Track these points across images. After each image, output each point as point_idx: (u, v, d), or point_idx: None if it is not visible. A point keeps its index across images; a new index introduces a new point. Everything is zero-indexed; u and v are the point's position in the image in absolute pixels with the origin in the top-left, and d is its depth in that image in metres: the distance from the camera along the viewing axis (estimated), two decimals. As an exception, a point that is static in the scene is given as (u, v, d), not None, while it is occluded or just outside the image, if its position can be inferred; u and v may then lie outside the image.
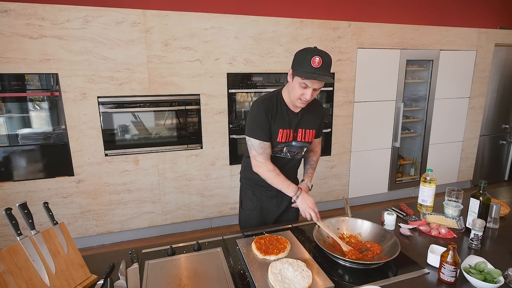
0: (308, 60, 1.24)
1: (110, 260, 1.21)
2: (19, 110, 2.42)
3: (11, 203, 2.46)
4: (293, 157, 1.51)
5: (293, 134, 1.45)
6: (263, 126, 1.39)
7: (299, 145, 1.48)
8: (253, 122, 1.40)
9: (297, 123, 1.45)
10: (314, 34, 3.00)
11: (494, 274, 1.05)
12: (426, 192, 1.64)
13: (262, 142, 1.39)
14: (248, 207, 1.58)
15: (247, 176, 1.58)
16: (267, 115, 1.38)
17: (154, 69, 2.62)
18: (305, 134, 1.48)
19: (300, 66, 1.27)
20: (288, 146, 1.47)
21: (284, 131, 1.42)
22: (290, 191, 1.41)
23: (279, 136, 1.42)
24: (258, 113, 1.39)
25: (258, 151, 1.41)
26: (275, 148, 1.46)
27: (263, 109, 1.38)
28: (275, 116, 1.40)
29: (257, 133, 1.39)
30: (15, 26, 2.25)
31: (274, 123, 1.40)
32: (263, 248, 1.22)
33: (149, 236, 2.97)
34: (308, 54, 1.25)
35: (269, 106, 1.39)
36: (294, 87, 1.32)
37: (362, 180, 3.57)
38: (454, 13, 4.10)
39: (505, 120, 4.14)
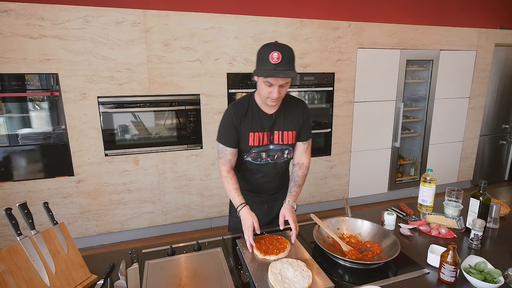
0: (266, 57, 1.19)
1: (110, 260, 1.21)
2: (19, 110, 2.42)
3: (11, 203, 2.46)
4: (274, 161, 1.43)
5: (269, 137, 1.38)
6: (227, 131, 1.36)
7: (278, 148, 1.41)
8: (220, 127, 1.39)
9: (272, 125, 1.38)
10: (314, 34, 3.00)
11: (494, 274, 1.05)
12: (426, 192, 1.64)
13: (224, 147, 1.37)
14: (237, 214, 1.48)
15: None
16: (233, 120, 1.34)
17: (154, 69, 2.62)
18: (282, 137, 1.40)
19: (261, 64, 1.22)
20: (266, 151, 1.40)
21: (256, 134, 1.36)
22: (234, 203, 1.36)
23: (250, 140, 1.36)
24: (225, 118, 1.37)
25: (220, 155, 1.39)
26: (251, 154, 1.39)
27: (230, 114, 1.35)
28: (244, 120, 1.35)
29: (221, 138, 1.38)
30: (15, 26, 2.25)
31: (243, 127, 1.35)
32: (263, 248, 1.21)
33: (149, 236, 2.97)
34: (267, 51, 1.19)
35: (238, 110, 1.35)
36: (260, 86, 1.27)
37: (362, 180, 3.57)
38: (454, 13, 4.10)
39: (505, 120, 4.14)
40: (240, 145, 1.39)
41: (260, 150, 1.39)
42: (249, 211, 1.32)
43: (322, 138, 3.33)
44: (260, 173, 1.45)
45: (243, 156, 1.42)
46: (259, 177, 1.46)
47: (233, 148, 1.37)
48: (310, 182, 3.34)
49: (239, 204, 1.34)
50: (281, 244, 1.24)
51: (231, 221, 1.60)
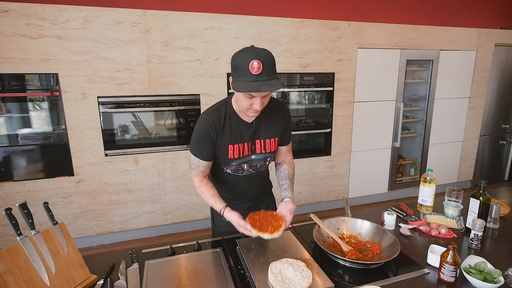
0: (246, 67, 1.05)
1: (110, 260, 1.21)
2: (19, 110, 2.42)
3: (11, 203, 2.46)
4: (256, 170, 1.36)
5: (250, 147, 1.28)
6: (202, 143, 1.23)
7: (260, 157, 1.32)
8: (194, 137, 1.26)
9: (252, 134, 1.27)
10: (314, 34, 3.00)
11: (494, 274, 1.05)
12: (426, 192, 1.64)
13: (197, 159, 1.26)
14: (223, 224, 1.44)
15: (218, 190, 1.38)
16: (209, 133, 1.21)
17: (154, 69, 2.62)
18: (265, 145, 1.30)
19: (239, 76, 1.08)
20: (247, 161, 1.30)
21: (236, 146, 1.25)
22: (216, 208, 1.27)
23: (230, 153, 1.25)
24: (200, 129, 1.23)
25: (192, 166, 1.29)
26: (231, 167, 1.30)
27: (206, 125, 1.21)
28: (222, 132, 1.22)
29: (194, 148, 1.26)
30: (15, 26, 2.25)
31: (221, 139, 1.23)
32: (257, 224, 1.15)
33: (149, 236, 2.97)
34: (245, 60, 1.06)
35: (215, 121, 1.21)
36: (239, 98, 1.13)
37: (362, 180, 3.57)
38: (454, 13, 4.10)
39: (505, 120, 4.14)
40: (218, 158, 1.29)
41: (241, 162, 1.29)
42: (231, 212, 1.21)
43: (322, 138, 3.33)
44: (242, 184, 1.37)
45: (222, 168, 1.33)
46: (241, 187, 1.39)
47: (207, 161, 1.27)
48: (310, 182, 3.35)
49: (220, 209, 1.24)
50: (276, 221, 1.17)
51: (214, 231, 1.52)
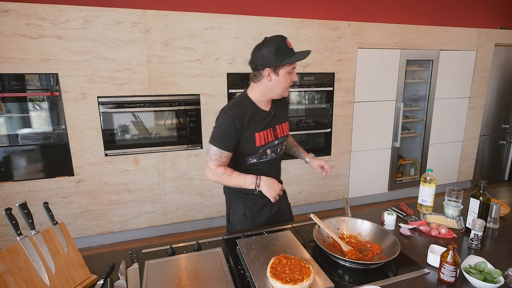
0: (285, 46, 1.25)
1: (110, 260, 1.21)
2: (19, 110, 2.42)
3: (11, 203, 2.46)
4: (277, 155, 1.48)
5: (273, 132, 1.41)
6: (227, 135, 1.30)
7: (280, 141, 1.46)
8: (217, 129, 1.33)
9: (272, 121, 1.40)
10: (314, 34, 3.00)
11: (494, 274, 1.05)
12: (426, 192, 1.64)
13: (219, 149, 1.31)
14: (239, 221, 1.48)
15: (234, 188, 1.46)
16: (235, 124, 1.29)
17: (154, 69, 2.62)
18: (282, 129, 1.46)
19: (284, 55, 1.24)
20: (271, 147, 1.42)
21: (262, 133, 1.36)
22: (249, 183, 1.32)
23: (257, 140, 1.35)
24: (225, 121, 1.31)
25: (212, 157, 1.33)
26: (257, 154, 1.39)
27: (231, 117, 1.30)
28: (248, 122, 1.32)
29: (218, 140, 1.32)
30: (15, 26, 2.25)
31: (247, 129, 1.32)
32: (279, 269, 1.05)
33: (149, 236, 2.97)
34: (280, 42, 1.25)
35: (239, 113, 1.31)
36: (280, 80, 1.29)
37: (362, 180, 3.57)
38: (454, 13, 4.10)
39: (505, 120, 4.14)
40: (243, 148, 1.36)
41: (265, 147, 1.40)
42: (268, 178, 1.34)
43: (322, 138, 3.33)
44: (265, 171, 1.42)
45: (246, 160, 1.40)
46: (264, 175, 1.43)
47: (230, 152, 1.33)
48: (310, 182, 3.35)
49: (255, 179, 1.32)
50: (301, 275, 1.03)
51: (230, 229, 1.53)
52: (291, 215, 1.65)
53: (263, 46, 1.25)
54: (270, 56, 1.24)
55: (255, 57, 1.28)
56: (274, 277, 1.02)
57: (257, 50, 1.27)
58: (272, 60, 1.24)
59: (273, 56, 1.23)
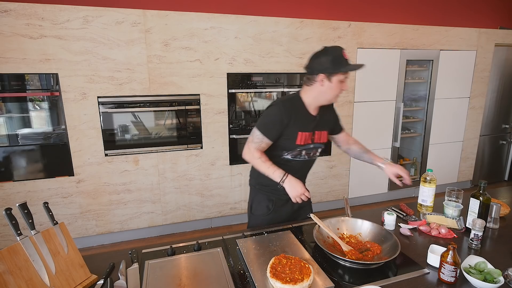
0: (341, 56, 1.33)
1: (110, 260, 1.21)
2: (19, 110, 2.42)
3: (11, 203, 2.46)
4: (309, 158, 1.54)
5: (311, 136, 1.48)
6: (273, 124, 1.40)
7: (315, 146, 1.52)
8: (266, 117, 1.44)
9: (315, 126, 1.48)
10: (314, 34, 3.00)
11: (494, 274, 1.05)
12: (426, 192, 1.64)
13: (262, 135, 1.41)
14: (262, 213, 1.57)
15: (261, 182, 1.55)
16: (283, 117, 1.39)
17: (154, 69, 2.62)
18: (321, 136, 1.52)
19: (340, 65, 1.33)
20: (306, 149, 1.49)
21: (303, 134, 1.44)
22: (276, 176, 1.40)
23: (298, 138, 1.44)
24: (275, 112, 1.41)
25: (255, 140, 1.43)
26: (293, 152, 1.47)
27: (281, 110, 1.40)
28: (295, 119, 1.41)
29: (263, 127, 1.42)
30: (15, 26, 2.25)
31: (293, 125, 1.41)
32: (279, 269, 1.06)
33: (149, 236, 2.97)
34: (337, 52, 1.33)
35: (290, 107, 1.41)
36: (332, 87, 1.36)
37: (362, 180, 3.57)
38: (454, 13, 4.10)
39: (505, 120, 4.14)
40: (284, 143, 1.45)
41: (302, 148, 1.48)
42: (294, 178, 1.39)
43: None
44: (293, 170, 1.47)
45: (282, 153, 1.48)
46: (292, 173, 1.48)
47: (271, 140, 1.43)
48: (310, 182, 3.34)
49: (283, 175, 1.39)
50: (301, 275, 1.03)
51: (251, 219, 1.62)
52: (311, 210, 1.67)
53: (321, 54, 1.35)
54: (327, 63, 1.33)
55: (313, 62, 1.37)
56: (274, 277, 1.02)
57: (315, 56, 1.37)
58: (328, 67, 1.33)
59: (330, 63, 1.33)
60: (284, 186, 1.39)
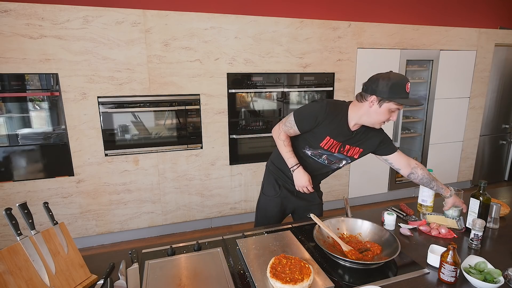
0: (403, 86, 1.27)
1: (110, 260, 1.21)
2: (19, 110, 2.42)
3: (11, 203, 2.46)
4: (329, 165, 1.53)
5: (340, 148, 1.47)
6: (307, 118, 1.43)
7: (340, 157, 1.50)
8: (306, 108, 1.46)
9: (347, 140, 1.45)
10: (314, 34, 3.00)
11: (494, 274, 1.05)
12: (426, 192, 1.64)
13: (294, 122, 1.45)
14: (271, 194, 1.64)
15: (276, 164, 1.64)
16: (319, 115, 1.40)
17: (154, 69, 2.62)
18: (352, 151, 1.49)
19: (397, 93, 1.27)
20: (329, 155, 1.49)
21: (331, 140, 1.44)
22: (290, 162, 1.48)
23: (324, 141, 1.44)
24: (315, 108, 1.42)
25: (286, 124, 1.49)
26: (315, 150, 1.49)
27: (322, 109, 1.40)
28: (331, 123, 1.41)
29: (299, 116, 1.45)
30: (15, 26, 2.25)
31: (325, 127, 1.41)
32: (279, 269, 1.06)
33: (149, 236, 2.97)
34: (402, 81, 1.27)
35: (331, 110, 1.40)
36: (381, 112, 1.33)
37: (362, 180, 3.57)
38: (454, 13, 4.10)
39: (505, 120, 4.13)
40: (310, 138, 1.47)
41: (325, 152, 1.49)
42: (304, 171, 1.47)
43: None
44: (310, 167, 1.53)
45: (304, 147, 1.51)
46: (308, 170, 1.52)
47: (299, 131, 1.47)
48: (310, 182, 3.34)
49: (294, 164, 1.47)
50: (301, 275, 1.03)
51: (262, 198, 1.69)
52: (321, 212, 1.72)
53: (384, 76, 1.30)
54: (384, 88, 1.29)
55: (372, 81, 1.32)
56: (274, 277, 1.02)
57: (377, 76, 1.32)
58: (384, 91, 1.29)
59: (387, 88, 1.28)
60: (293, 173, 1.47)
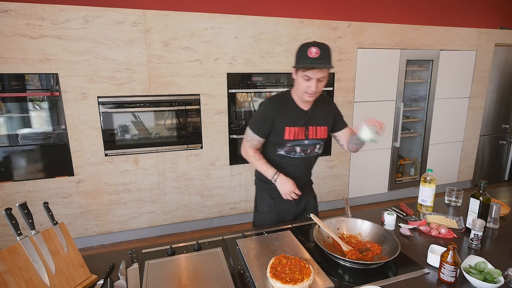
0: (305, 52, 1.29)
1: (110, 260, 1.21)
2: (19, 110, 2.42)
3: (11, 203, 2.46)
4: (307, 155, 1.52)
5: (304, 132, 1.47)
6: (261, 122, 1.45)
7: (311, 143, 1.50)
8: (254, 116, 1.50)
9: (307, 121, 1.46)
10: (314, 34, 3.00)
11: (494, 274, 1.05)
12: (426, 192, 1.64)
13: (252, 133, 1.47)
14: (265, 210, 1.59)
15: (262, 179, 1.57)
16: (269, 113, 1.42)
17: (154, 69, 2.62)
18: (316, 131, 1.49)
19: (300, 60, 1.31)
20: (300, 145, 1.48)
21: (292, 128, 1.44)
22: (268, 174, 1.46)
23: (286, 133, 1.44)
24: (261, 109, 1.46)
25: (247, 138, 1.50)
26: (285, 147, 1.47)
27: (267, 107, 1.43)
28: (281, 113, 1.42)
29: (252, 125, 1.48)
30: (15, 26, 2.25)
31: (279, 120, 1.42)
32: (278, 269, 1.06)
33: (149, 236, 2.97)
34: (305, 47, 1.30)
35: (275, 103, 1.43)
36: (298, 82, 1.36)
37: (362, 180, 3.57)
38: (454, 13, 4.10)
39: (505, 120, 4.13)
40: (274, 138, 1.47)
41: (294, 144, 1.47)
42: (286, 177, 1.44)
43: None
44: (291, 167, 1.51)
45: (275, 150, 1.50)
46: (290, 171, 1.51)
47: (261, 137, 1.47)
48: (310, 182, 3.34)
49: (274, 174, 1.45)
50: (301, 274, 1.04)
51: (256, 217, 1.63)
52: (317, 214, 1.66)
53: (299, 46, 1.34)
54: (295, 55, 1.35)
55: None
56: (274, 277, 1.02)
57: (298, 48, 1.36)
58: (295, 61, 1.35)
59: (296, 55, 1.34)
60: (276, 183, 1.44)
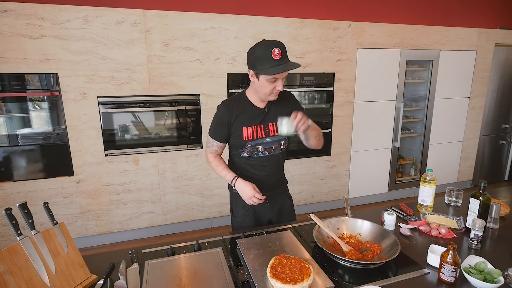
0: (268, 55, 1.23)
1: (110, 260, 1.21)
2: (19, 110, 2.42)
3: (11, 203, 2.46)
4: (272, 153, 1.47)
5: (264, 129, 1.43)
6: (217, 126, 1.44)
7: (274, 140, 1.46)
8: (212, 121, 1.47)
9: (264, 118, 1.43)
10: (314, 34, 3.00)
11: (494, 274, 1.05)
12: (426, 192, 1.64)
13: (212, 139, 1.47)
14: (241, 214, 1.55)
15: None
16: (224, 117, 1.40)
17: (154, 69, 2.62)
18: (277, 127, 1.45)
19: (263, 65, 1.25)
20: (262, 144, 1.44)
21: (250, 128, 1.41)
22: (227, 179, 1.44)
23: (244, 134, 1.41)
24: (217, 114, 1.44)
25: (208, 146, 1.52)
26: (246, 148, 1.44)
27: (222, 110, 1.42)
28: (237, 116, 1.40)
29: (211, 131, 1.48)
30: (15, 26, 2.25)
31: (236, 123, 1.40)
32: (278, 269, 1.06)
33: (149, 236, 2.97)
34: (266, 49, 1.24)
35: (229, 107, 1.41)
36: (262, 85, 1.31)
37: (362, 180, 3.57)
38: (454, 13, 4.10)
39: (505, 120, 4.13)
40: (235, 141, 1.45)
41: (255, 143, 1.44)
42: (244, 181, 1.39)
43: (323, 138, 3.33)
44: (259, 168, 1.48)
45: (239, 152, 1.47)
46: (257, 171, 1.49)
47: (220, 142, 1.47)
48: (310, 182, 3.35)
49: (232, 178, 1.42)
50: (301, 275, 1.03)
51: (234, 222, 1.60)
52: (294, 216, 1.67)
53: (254, 48, 1.29)
54: (253, 60, 1.28)
55: (247, 55, 1.32)
56: (274, 277, 1.02)
57: (250, 49, 1.31)
58: (254, 64, 1.28)
59: (255, 60, 1.27)
60: (236, 188, 1.41)
